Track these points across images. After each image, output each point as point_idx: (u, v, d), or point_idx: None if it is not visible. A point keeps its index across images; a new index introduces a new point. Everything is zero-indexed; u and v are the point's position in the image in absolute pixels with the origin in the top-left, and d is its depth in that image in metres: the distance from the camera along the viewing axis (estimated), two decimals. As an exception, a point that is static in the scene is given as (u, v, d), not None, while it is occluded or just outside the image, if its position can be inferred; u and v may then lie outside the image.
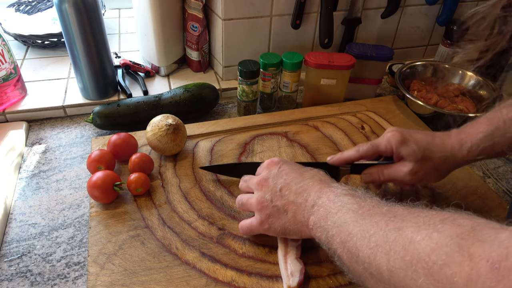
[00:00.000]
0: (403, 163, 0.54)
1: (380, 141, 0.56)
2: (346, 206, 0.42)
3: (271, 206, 0.48)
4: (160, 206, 0.58)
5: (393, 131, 0.55)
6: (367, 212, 0.40)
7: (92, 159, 0.60)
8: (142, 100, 0.75)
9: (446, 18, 0.94)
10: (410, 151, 0.52)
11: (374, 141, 0.57)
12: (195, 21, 0.83)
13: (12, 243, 0.55)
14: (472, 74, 0.86)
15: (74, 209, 0.60)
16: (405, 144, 0.53)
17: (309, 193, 0.46)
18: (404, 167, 0.53)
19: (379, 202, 0.41)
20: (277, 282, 0.49)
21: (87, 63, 0.74)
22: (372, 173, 0.57)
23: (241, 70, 0.73)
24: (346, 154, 0.58)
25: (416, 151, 0.52)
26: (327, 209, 0.43)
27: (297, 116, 0.78)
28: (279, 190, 0.48)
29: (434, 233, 0.32)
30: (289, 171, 0.50)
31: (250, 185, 0.53)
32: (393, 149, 0.54)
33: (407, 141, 0.53)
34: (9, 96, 0.75)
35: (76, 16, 0.68)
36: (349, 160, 0.58)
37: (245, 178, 0.55)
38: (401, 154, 0.53)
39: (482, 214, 0.60)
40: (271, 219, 0.48)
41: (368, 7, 0.89)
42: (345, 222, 0.40)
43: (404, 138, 0.53)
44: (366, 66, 0.82)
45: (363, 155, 0.57)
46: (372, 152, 0.56)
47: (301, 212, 0.46)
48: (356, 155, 0.57)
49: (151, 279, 0.49)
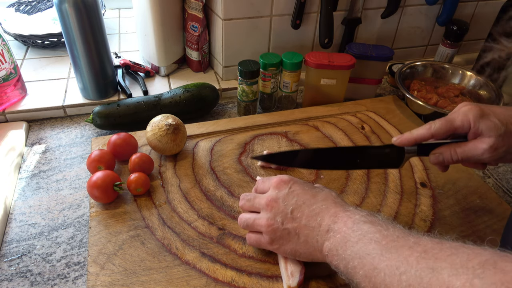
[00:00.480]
0: (481, 139, 0.48)
1: (454, 116, 0.50)
2: (368, 236, 0.39)
3: (282, 228, 0.46)
4: (160, 206, 0.59)
5: (469, 105, 0.49)
6: (392, 243, 0.37)
7: (92, 159, 0.60)
8: (142, 100, 0.75)
9: (446, 18, 0.94)
10: (491, 125, 0.47)
11: (447, 116, 0.50)
12: (195, 21, 0.83)
13: (12, 243, 0.55)
14: (472, 74, 0.86)
15: (74, 209, 0.60)
16: (485, 118, 0.47)
17: (322, 217, 0.44)
18: (483, 144, 0.47)
19: (403, 231, 0.39)
20: (277, 282, 0.49)
21: (87, 63, 0.74)
22: (443, 152, 0.51)
23: (241, 70, 0.73)
24: (415, 133, 0.51)
25: (498, 124, 0.46)
26: (345, 237, 0.41)
27: (297, 116, 0.78)
28: (290, 212, 0.46)
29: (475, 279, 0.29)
30: (300, 192, 0.47)
31: (256, 205, 0.50)
32: (470, 124, 0.48)
33: (487, 115, 0.47)
34: (9, 96, 0.75)
35: (76, 16, 0.68)
36: (419, 140, 0.51)
37: (248, 197, 0.51)
38: (480, 129, 0.47)
39: (482, 214, 0.60)
40: (281, 241, 0.47)
41: (368, 7, 0.89)
42: (368, 254, 0.38)
43: (483, 111, 0.48)
44: (366, 66, 0.82)
45: (435, 133, 0.50)
46: (446, 129, 0.50)
47: (314, 237, 0.44)
48: (428, 133, 0.50)
49: (151, 279, 0.49)
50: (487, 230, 0.58)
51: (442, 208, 0.61)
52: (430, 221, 0.59)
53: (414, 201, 0.62)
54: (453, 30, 0.92)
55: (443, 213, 0.60)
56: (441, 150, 0.51)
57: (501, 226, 0.58)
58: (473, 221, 0.59)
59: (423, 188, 0.64)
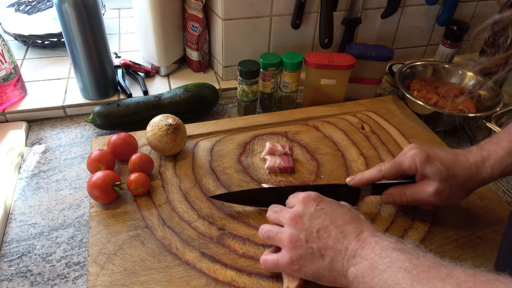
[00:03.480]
0: (427, 183, 0.51)
1: (402, 159, 0.53)
2: (397, 264, 0.38)
3: (306, 247, 0.44)
4: (160, 206, 0.58)
5: (416, 148, 0.52)
6: (423, 274, 0.36)
7: (92, 159, 0.60)
8: (142, 100, 0.75)
9: (446, 18, 0.94)
10: (435, 170, 0.50)
11: (396, 159, 0.54)
12: (195, 21, 0.83)
13: (12, 243, 0.55)
14: (472, 74, 0.86)
15: (74, 209, 0.60)
16: (430, 163, 0.50)
17: (350, 240, 0.43)
18: (429, 187, 0.51)
19: (434, 260, 0.37)
20: (277, 282, 0.49)
21: (87, 63, 0.74)
22: (393, 194, 0.54)
23: (241, 70, 0.73)
24: (367, 174, 0.55)
25: (442, 169, 0.50)
26: (372, 264, 0.39)
27: (297, 116, 0.78)
28: (316, 231, 0.44)
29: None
30: (328, 211, 0.46)
31: (280, 218, 0.48)
32: (417, 168, 0.51)
33: (432, 159, 0.51)
34: (9, 96, 0.75)
35: (76, 16, 0.68)
36: (371, 180, 0.55)
37: (275, 208, 0.50)
38: (425, 173, 0.51)
39: (482, 214, 0.60)
40: (302, 261, 0.44)
41: (368, 7, 0.89)
42: (397, 284, 0.36)
43: (428, 156, 0.51)
44: (366, 66, 0.82)
45: (385, 175, 0.54)
46: (395, 171, 0.53)
47: (340, 261, 0.42)
48: (378, 175, 0.54)
49: (151, 279, 0.49)
50: (487, 230, 0.58)
51: (442, 208, 0.61)
52: (430, 221, 0.59)
53: (414, 201, 0.62)
54: (453, 30, 0.92)
55: (443, 214, 0.60)
56: (392, 192, 0.55)
57: (501, 226, 0.58)
58: (473, 221, 0.59)
59: (423, 188, 0.64)
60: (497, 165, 0.50)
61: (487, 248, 0.55)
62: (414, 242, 0.41)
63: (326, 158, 0.69)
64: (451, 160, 0.51)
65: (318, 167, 0.67)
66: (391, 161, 0.54)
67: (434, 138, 0.76)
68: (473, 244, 0.56)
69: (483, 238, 0.56)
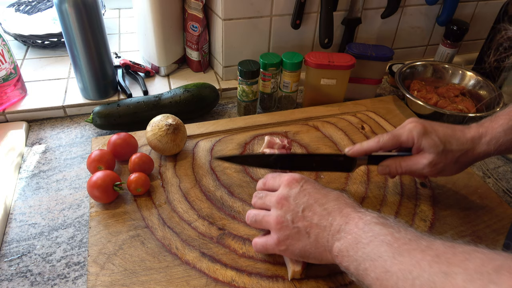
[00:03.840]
0: (423, 155, 0.53)
1: (401, 132, 0.54)
2: (379, 238, 0.39)
3: (292, 226, 0.45)
4: (160, 206, 0.58)
5: (415, 122, 0.54)
6: (404, 246, 0.37)
7: (92, 159, 0.60)
8: (142, 100, 0.75)
9: (446, 18, 0.94)
10: (431, 143, 0.51)
11: (394, 131, 0.55)
12: (195, 21, 0.83)
13: (12, 243, 0.55)
14: (472, 74, 0.86)
15: (74, 209, 0.60)
16: (427, 136, 0.52)
17: (334, 216, 0.44)
18: (424, 159, 0.53)
19: (415, 234, 0.38)
20: (277, 282, 0.49)
21: (87, 63, 0.74)
22: (389, 165, 0.56)
23: (241, 70, 0.73)
24: (365, 145, 0.56)
25: (438, 143, 0.51)
26: (356, 238, 0.40)
27: (297, 116, 0.78)
28: (302, 211, 0.46)
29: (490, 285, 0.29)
30: (311, 191, 0.47)
31: (267, 203, 0.50)
32: (414, 140, 0.53)
33: (429, 133, 0.52)
34: (9, 96, 0.75)
35: (76, 16, 0.68)
36: (369, 151, 0.56)
37: (260, 194, 0.52)
38: (422, 146, 0.52)
39: (482, 214, 0.60)
40: (289, 241, 0.46)
41: (368, 7, 0.89)
42: (380, 257, 0.37)
43: (425, 129, 0.52)
44: (366, 66, 0.82)
45: (383, 146, 0.55)
46: (392, 143, 0.55)
47: (325, 237, 0.44)
48: (376, 146, 0.56)
49: (151, 279, 0.49)
50: (487, 230, 0.58)
51: (442, 208, 0.61)
52: (430, 221, 0.59)
53: (414, 201, 0.62)
54: (453, 30, 0.92)
55: (443, 213, 0.60)
56: (388, 163, 0.56)
57: (501, 226, 0.58)
58: (473, 221, 0.59)
59: (423, 188, 0.64)
60: (493, 142, 0.51)
61: (487, 248, 0.55)
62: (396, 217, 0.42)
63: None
64: (448, 135, 0.52)
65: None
66: (389, 132, 0.56)
67: (434, 138, 0.76)
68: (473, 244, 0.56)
69: (483, 238, 0.56)
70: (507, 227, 0.58)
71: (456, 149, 0.52)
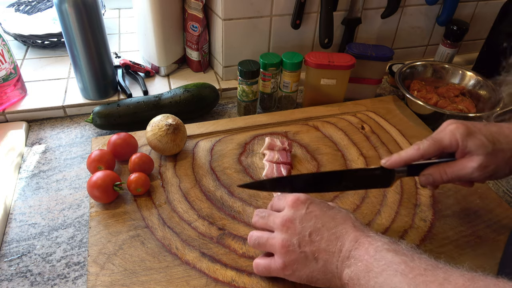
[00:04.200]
0: (470, 158, 0.47)
1: (442, 135, 0.49)
2: (392, 267, 0.37)
3: (299, 251, 0.43)
4: (160, 206, 0.58)
5: (456, 123, 0.49)
6: (419, 278, 0.35)
7: (92, 159, 0.60)
8: (142, 100, 0.75)
9: (446, 18, 0.94)
10: (478, 143, 0.46)
11: (434, 136, 0.50)
12: (195, 21, 0.83)
13: (12, 243, 0.55)
14: (472, 74, 0.86)
15: (74, 209, 0.60)
16: (473, 136, 0.47)
17: (343, 241, 0.42)
18: (472, 162, 0.47)
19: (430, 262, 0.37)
20: (277, 282, 0.49)
21: (87, 63, 0.74)
22: (432, 174, 0.50)
23: (241, 70, 0.73)
24: (404, 155, 0.50)
25: (486, 143, 0.46)
26: (367, 266, 0.39)
27: (297, 116, 0.78)
28: (308, 235, 0.44)
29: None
30: (318, 214, 0.45)
31: (270, 223, 0.47)
32: (458, 143, 0.47)
33: (474, 133, 0.47)
34: (9, 96, 0.75)
35: (76, 16, 0.68)
36: (409, 161, 0.50)
37: (262, 214, 0.49)
38: (468, 148, 0.47)
39: (482, 214, 0.60)
40: (296, 265, 0.44)
41: (368, 7, 0.89)
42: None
43: (469, 129, 0.47)
44: (366, 66, 0.82)
45: (424, 154, 0.49)
46: (434, 149, 0.49)
47: (334, 263, 0.42)
48: (417, 154, 0.50)
49: (151, 279, 0.49)
50: (487, 230, 0.58)
51: (442, 208, 0.61)
52: (430, 221, 0.59)
53: (414, 201, 0.62)
54: (453, 30, 0.92)
55: (443, 213, 0.60)
56: (431, 171, 0.50)
57: (501, 226, 0.58)
58: (473, 221, 0.59)
59: (423, 188, 0.64)
60: None
61: (487, 248, 0.55)
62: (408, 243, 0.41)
63: (326, 158, 0.69)
64: (495, 132, 0.47)
65: (318, 167, 0.67)
66: (429, 137, 0.50)
67: (434, 138, 0.76)
68: (473, 244, 0.56)
69: (483, 238, 0.56)
70: (507, 227, 0.58)
71: (507, 147, 0.47)
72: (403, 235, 0.56)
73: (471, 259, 0.54)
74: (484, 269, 0.52)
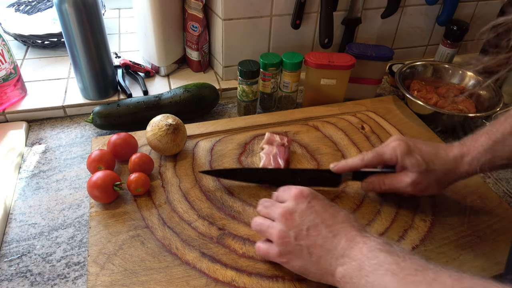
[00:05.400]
0: (406, 173, 0.54)
1: (384, 150, 0.55)
2: (384, 266, 0.38)
3: (294, 243, 0.45)
4: (160, 206, 0.58)
5: (399, 140, 0.54)
6: (409, 277, 0.36)
7: (92, 159, 0.60)
8: (142, 100, 0.75)
9: (446, 18, 0.94)
10: (414, 162, 0.52)
11: (378, 149, 0.56)
12: (195, 21, 0.83)
13: (12, 243, 0.55)
14: (472, 74, 0.86)
15: (74, 209, 0.60)
16: (410, 155, 0.52)
17: (339, 240, 0.43)
18: (406, 178, 0.53)
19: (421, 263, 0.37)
20: (277, 282, 0.49)
21: (87, 63, 0.74)
22: (373, 182, 0.57)
23: (241, 70, 0.73)
24: (350, 162, 0.57)
25: (421, 162, 0.52)
26: (360, 265, 0.40)
27: (297, 116, 0.78)
28: (306, 229, 0.45)
29: None
30: (319, 209, 0.46)
31: (271, 213, 0.49)
32: (398, 159, 0.53)
33: (412, 152, 0.53)
34: (9, 96, 0.75)
35: (76, 16, 0.68)
36: (353, 168, 0.57)
37: (266, 204, 0.51)
38: (405, 165, 0.53)
39: (482, 214, 0.60)
40: (291, 256, 0.46)
41: (368, 7, 0.89)
42: (384, 287, 0.37)
43: (409, 148, 0.53)
44: (366, 66, 0.82)
45: (367, 164, 0.56)
46: (376, 161, 0.56)
47: (328, 260, 0.43)
48: (361, 163, 0.56)
49: (151, 279, 0.49)
50: (487, 230, 0.58)
51: (442, 208, 0.61)
52: (430, 221, 0.59)
53: (414, 201, 0.62)
54: (453, 30, 0.92)
55: (443, 213, 0.60)
56: (372, 180, 0.57)
57: (501, 226, 0.58)
58: (473, 221, 0.59)
59: (423, 188, 0.64)
60: (474, 162, 0.51)
61: (487, 248, 0.55)
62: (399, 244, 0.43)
63: (326, 158, 0.69)
64: (431, 154, 0.53)
65: (318, 167, 0.67)
66: (373, 150, 0.57)
67: (434, 138, 0.76)
68: (473, 244, 0.56)
69: (483, 238, 0.56)
70: (507, 227, 0.58)
71: (438, 168, 0.52)
72: (403, 235, 0.56)
73: (471, 259, 0.54)
74: (484, 269, 0.52)
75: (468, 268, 0.52)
